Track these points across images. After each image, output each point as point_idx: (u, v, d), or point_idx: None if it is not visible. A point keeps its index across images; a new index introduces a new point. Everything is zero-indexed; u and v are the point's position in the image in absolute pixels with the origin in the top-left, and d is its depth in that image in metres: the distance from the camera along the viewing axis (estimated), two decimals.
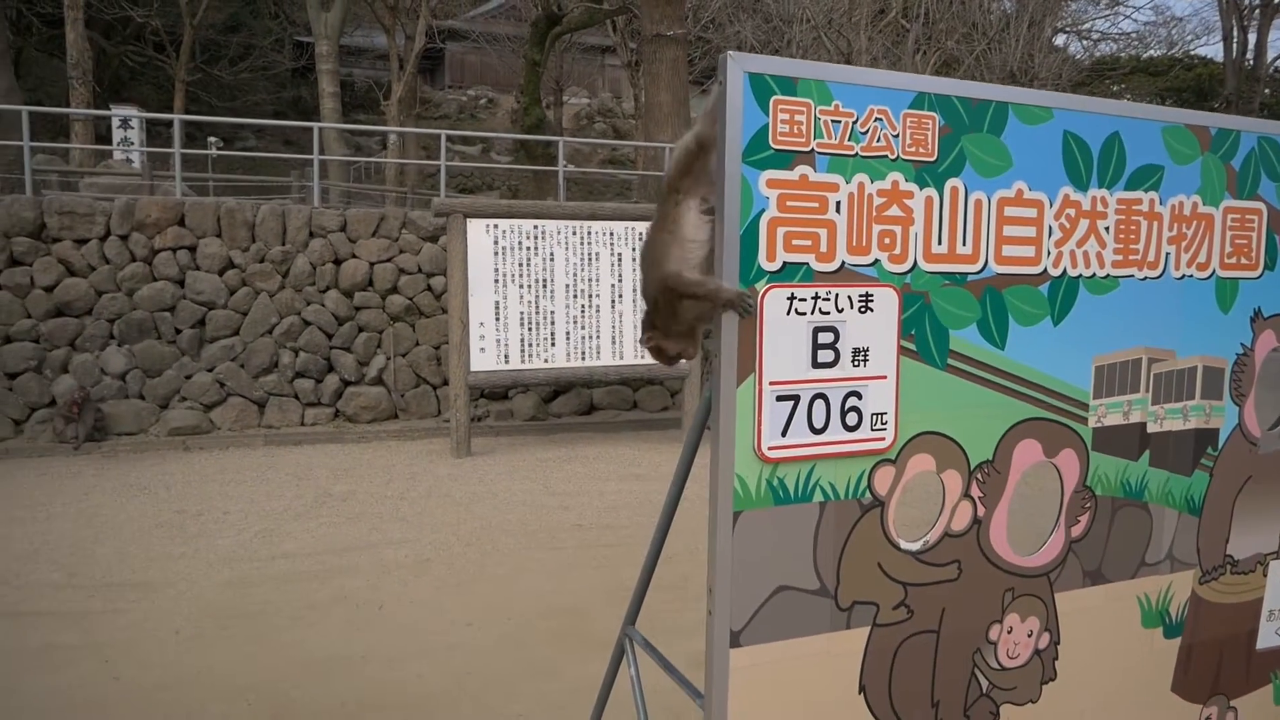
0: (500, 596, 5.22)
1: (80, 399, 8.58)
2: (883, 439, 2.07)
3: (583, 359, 8.74)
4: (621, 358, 8.84)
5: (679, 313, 2.03)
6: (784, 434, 1.97)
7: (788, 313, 1.95)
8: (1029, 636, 2.34)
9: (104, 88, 19.69)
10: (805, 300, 1.96)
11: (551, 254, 8.59)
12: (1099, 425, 2.37)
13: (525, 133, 18.15)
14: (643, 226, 9.00)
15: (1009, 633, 2.31)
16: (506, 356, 8.48)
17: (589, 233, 8.70)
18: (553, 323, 8.64)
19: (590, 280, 8.74)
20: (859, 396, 2.04)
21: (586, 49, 28.81)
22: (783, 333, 1.95)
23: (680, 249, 1.99)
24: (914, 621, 2.18)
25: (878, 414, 2.06)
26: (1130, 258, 2.33)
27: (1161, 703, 2.60)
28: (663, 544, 2.52)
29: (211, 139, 17.66)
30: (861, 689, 2.15)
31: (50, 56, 21.97)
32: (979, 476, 2.21)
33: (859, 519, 2.09)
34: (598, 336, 8.74)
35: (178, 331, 9.30)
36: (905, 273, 2.06)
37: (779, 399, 1.96)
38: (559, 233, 8.60)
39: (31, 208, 9.01)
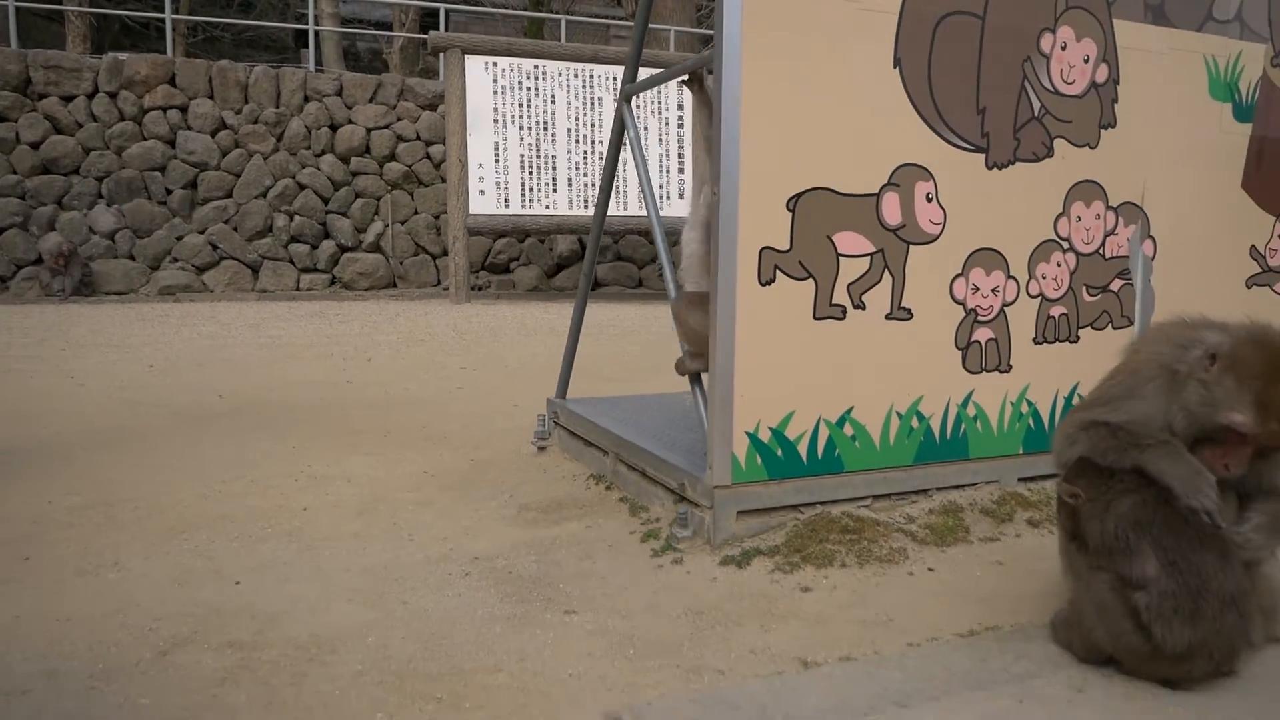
0: (496, 353, 4.95)
1: (68, 251, 8.30)
2: None
3: (585, 207, 8.43)
4: (626, 208, 8.53)
5: None
6: None
7: None
8: (1085, 62, 2.04)
9: (104, 46, 19.38)
10: None
11: (553, 96, 8.28)
12: None
13: None
14: (649, 71, 8.67)
15: (1063, 49, 2.01)
16: (506, 200, 8.18)
17: (591, 75, 8.39)
18: (554, 168, 8.33)
19: (593, 126, 8.43)
20: None
21: None
22: None
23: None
24: None
25: None
26: None
27: (1230, 200, 2.30)
28: None
29: None
30: (897, 62, 1.85)
31: (49, 21, 21.71)
32: None
33: None
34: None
35: (168, 192, 9.02)
36: None
37: None
38: (560, 74, 8.29)
39: (16, 60, 8.73)
